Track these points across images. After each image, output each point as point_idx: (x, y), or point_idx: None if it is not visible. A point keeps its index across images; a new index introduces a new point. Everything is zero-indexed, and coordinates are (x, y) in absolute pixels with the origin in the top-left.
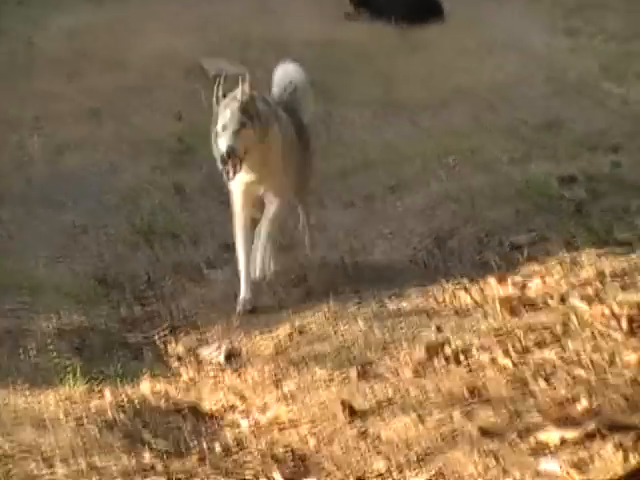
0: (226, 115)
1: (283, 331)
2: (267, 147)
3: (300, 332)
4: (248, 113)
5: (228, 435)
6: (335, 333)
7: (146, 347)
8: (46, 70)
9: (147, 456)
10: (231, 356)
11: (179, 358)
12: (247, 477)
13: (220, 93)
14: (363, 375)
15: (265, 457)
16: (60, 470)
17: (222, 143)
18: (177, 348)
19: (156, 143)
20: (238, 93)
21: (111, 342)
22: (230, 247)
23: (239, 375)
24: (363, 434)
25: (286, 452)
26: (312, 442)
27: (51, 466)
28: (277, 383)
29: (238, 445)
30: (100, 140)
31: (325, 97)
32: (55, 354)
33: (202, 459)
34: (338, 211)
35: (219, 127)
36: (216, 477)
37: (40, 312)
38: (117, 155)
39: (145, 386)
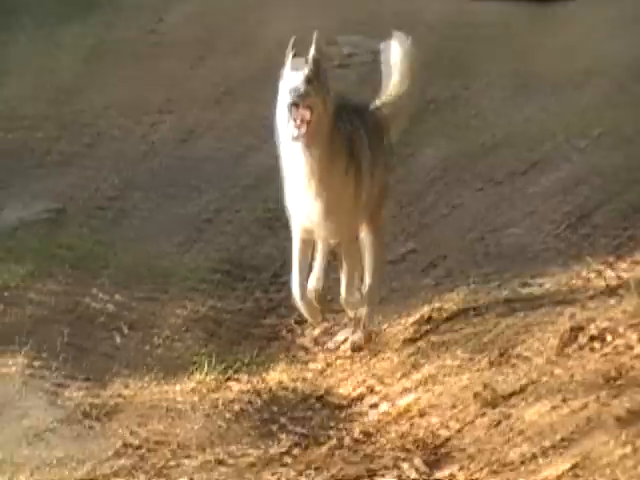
0: (297, 64)
1: (418, 315)
2: (330, 139)
3: (436, 316)
4: (318, 72)
5: (360, 424)
6: (472, 317)
7: (275, 336)
8: (172, 55)
9: (279, 447)
10: (373, 341)
11: (309, 346)
12: (380, 467)
13: (291, 55)
14: (499, 361)
15: (398, 447)
16: (195, 459)
17: (291, 90)
18: (306, 336)
19: None
20: (310, 55)
21: (240, 334)
22: None
23: (371, 362)
24: (499, 422)
25: (420, 441)
26: (447, 431)
27: (186, 455)
28: (411, 370)
29: (370, 435)
30: (226, 126)
31: (458, 73)
32: (185, 343)
33: (335, 449)
34: (478, 190)
35: (287, 76)
36: (349, 467)
37: (169, 302)
38: (243, 142)
39: (274, 375)
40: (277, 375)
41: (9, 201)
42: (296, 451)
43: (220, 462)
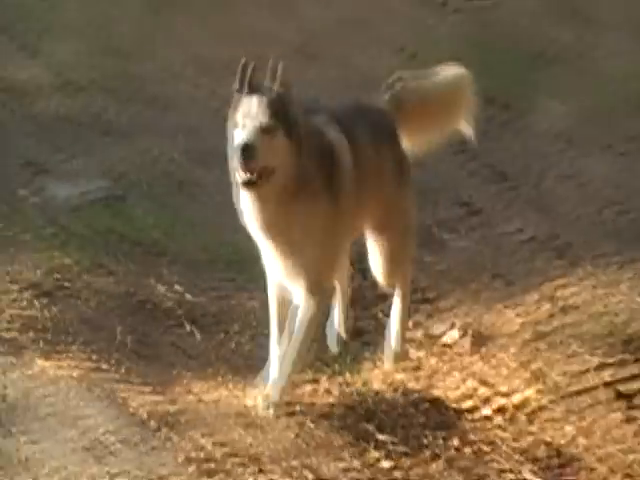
0: (251, 104)
1: (533, 302)
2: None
3: (553, 303)
4: (282, 114)
5: (471, 428)
6: (595, 303)
7: (374, 329)
8: (248, 4)
9: (378, 457)
10: (473, 335)
11: (412, 340)
12: (494, 476)
13: (247, 78)
14: (625, 356)
15: (515, 452)
16: (273, 474)
17: (238, 136)
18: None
19: (380, 84)
20: (270, 82)
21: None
22: (470, 207)
23: (482, 357)
24: (626, 427)
25: (540, 446)
26: (564, 437)
27: (262, 470)
28: (527, 365)
29: (483, 439)
30: (313, 83)
31: (571, 21)
32: (257, 341)
33: (442, 457)
34: (595, 157)
35: (238, 117)
36: (458, 478)
37: (246, 290)
38: (335, 100)
39: (373, 375)
40: (372, 376)
41: (54, 180)
42: (392, 464)
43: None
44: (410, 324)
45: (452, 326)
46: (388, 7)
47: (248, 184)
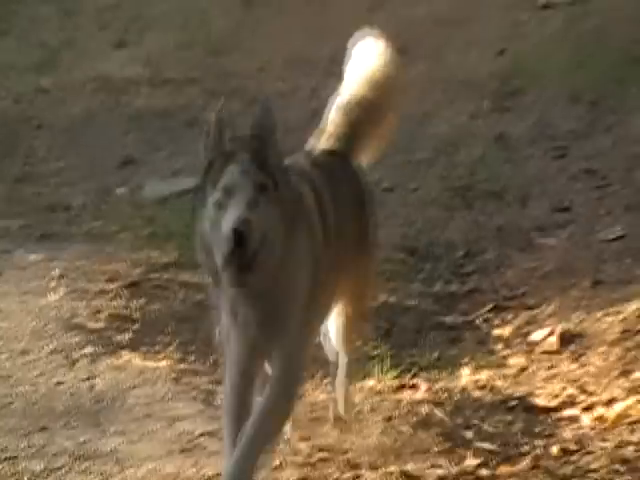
0: (233, 171)
1: (632, 309)
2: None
3: None
4: (268, 167)
5: (566, 434)
6: None
7: (466, 330)
8: (344, 3)
9: (470, 460)
10: (569, 340)
11: (506, 342)
12: (580, 477)
13: (221, 133)
14: None
15: (613, 460)
16: (366, 475)
17: (228, 217)
18: (503, 330)
19: (475, 85)
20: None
21: (425, 324)
22: (565, 209)
23: (579, 362)
24: None
25: (631, 460)
26: None
27: (355, 471)
28: (625, 371)
29: (579, 446)
30: (409, 83)
31: None
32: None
33: (536, 463)
34: None
35: (219, 193)
36: (544, 477)
37: None
38: (429, 101)
39: (465, 376)
40: (464, 378)
41: (150, 178)
42: (492, 464)
43: (402, 478)
44: (509, 329)
45: (551, 332)
46: (484, 5)
47: (242, 282)
